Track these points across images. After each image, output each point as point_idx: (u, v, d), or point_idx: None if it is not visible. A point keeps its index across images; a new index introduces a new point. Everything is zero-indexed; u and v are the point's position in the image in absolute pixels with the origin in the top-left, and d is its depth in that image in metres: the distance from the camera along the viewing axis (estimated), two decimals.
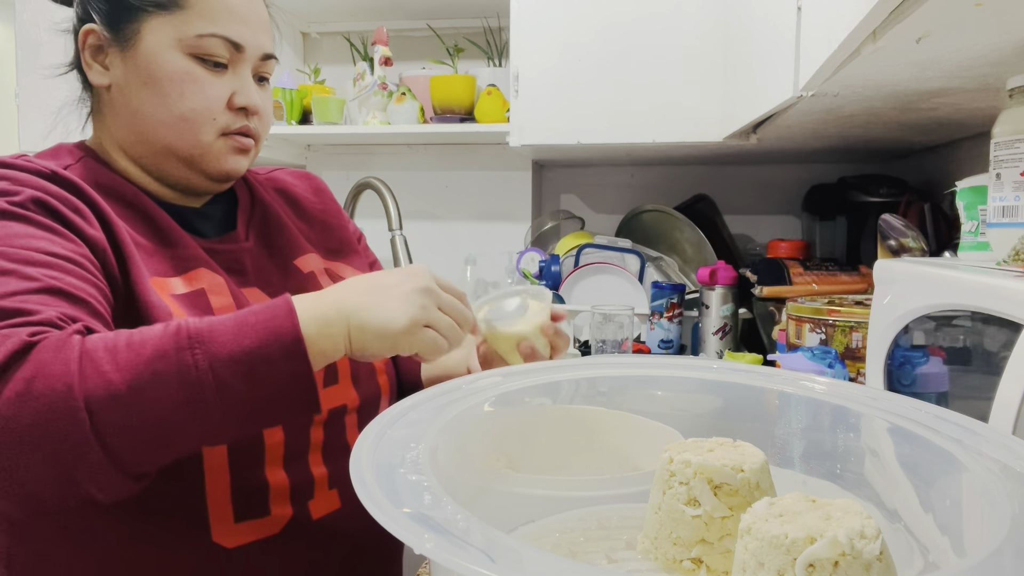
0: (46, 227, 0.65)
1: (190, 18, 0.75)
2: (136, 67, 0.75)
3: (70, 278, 0.62)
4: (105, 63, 0.77)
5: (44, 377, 0.52)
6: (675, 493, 0.50)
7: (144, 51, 0.75)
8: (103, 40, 0.77)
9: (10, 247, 0.62)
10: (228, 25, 0.76)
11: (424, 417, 0.54)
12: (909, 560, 0.50)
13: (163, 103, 0.75)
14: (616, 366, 0.74)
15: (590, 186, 2.16)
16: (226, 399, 0.56)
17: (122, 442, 0.53)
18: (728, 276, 1.64)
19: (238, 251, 0.83)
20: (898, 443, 0.56)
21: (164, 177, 0.80)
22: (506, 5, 1.66)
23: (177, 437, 0.56)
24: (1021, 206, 0.73)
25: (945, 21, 0.65)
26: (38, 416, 0.51)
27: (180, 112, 0.75)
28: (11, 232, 0.63)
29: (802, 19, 0.92)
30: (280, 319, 0.58)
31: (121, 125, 0.78)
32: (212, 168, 0.79)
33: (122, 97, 0.77)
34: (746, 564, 0.41)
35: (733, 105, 1.44)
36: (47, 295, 0.59)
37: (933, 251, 1.27)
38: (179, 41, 0.75)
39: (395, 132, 1.88)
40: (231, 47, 0.77)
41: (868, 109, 1.10)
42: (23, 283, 0.59)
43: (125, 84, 0.76)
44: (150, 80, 0.75)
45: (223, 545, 0.71)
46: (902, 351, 0.80)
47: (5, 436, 0.51)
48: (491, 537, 0.37)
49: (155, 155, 0.78)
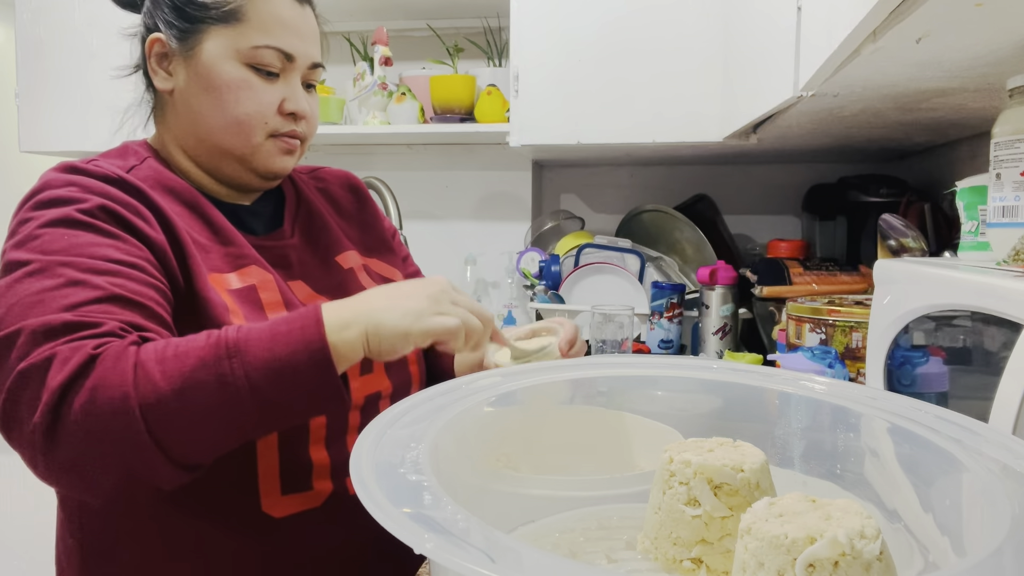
0: (111, 234, 0.71)
1: (247, 31, 0.81)
2: (197, 74, 0.82)
3: (132, 283, 0.69)
4: (169, 69, 0.84)
5: (105, 388, 0.60)
6: (675, 493, 0.50)
7: (205, 60, 0.81)
8: (168, 48, 0.83)
9: (79, 256, 0.68)
10: (281, 37, 0.82)
11: (424, 417, 0.54)
12: (909, 560, 0.50)
13: (220, 107, 0.82)
14: (616, 366, 0.74)
15: (590, 186, 2.16)
16: (260, 403, 0.62)
17: (173, 441, 0.61)
18: (728, 276, 1.64)
19: (285, 247, 0.89)
20: (898, 443, 0.56)
21: (219, 175, 0.87)
22: (506, 5, 1.66)
23: (220, 436, 0.64)
24: (1021, 206, 0.73)
25: (945, 21, 0.65)
26: (102, 422, 0.59)
27: (235, 116, 0.82)
28: (80, 241, 0.69)
29: (802, 19, 0.92)
30: (309, 329, 0.64)
31: (182, 127, 0.85)
32: (261, 167, 0.85)
33: (184, 101, 0.83)
34: (746, 564, 0.41)
35: (733, 105, 1.44)
36: (110, 303, 0.66)
37: (933, 251, 1.27)
38: (237, 51, 0.81)
39: (395, 132, 1.88)
40: (283, 57, 0.83)
41: (868, 109, 1.10)
42: (90, 292, 0.66)
43: (187, 89, 0.83)
44: (209, 86, 0.81)
45: (271, 515, 0.78)
46: (902, 351, 0.80)
47: (77, 440, 0.59)
48: (491, 537, 0.37)
49: (211, 154, 0.85)
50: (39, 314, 0.63)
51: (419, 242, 2.12)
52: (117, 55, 0.93)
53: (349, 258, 0.95)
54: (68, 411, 0.59)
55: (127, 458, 0.60)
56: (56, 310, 0.64)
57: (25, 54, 1.94)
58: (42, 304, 0.64)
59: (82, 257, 0.68)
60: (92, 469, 0.61)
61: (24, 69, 1.95)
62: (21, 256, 0.68)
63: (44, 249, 0.68)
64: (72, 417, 0.59)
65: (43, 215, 0.71)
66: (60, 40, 1.92)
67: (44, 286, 0.65)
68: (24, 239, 0.70)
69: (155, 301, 0.70)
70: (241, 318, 0.76)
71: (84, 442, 0.59)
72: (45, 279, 0.66)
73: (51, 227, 0.70)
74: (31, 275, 0.66)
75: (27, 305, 0.64)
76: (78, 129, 1.94)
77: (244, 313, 0.77)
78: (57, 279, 0.66)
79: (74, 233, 0.70)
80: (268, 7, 0.82)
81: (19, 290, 0.66)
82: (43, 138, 1.97)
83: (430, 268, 1.11)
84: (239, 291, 0.79)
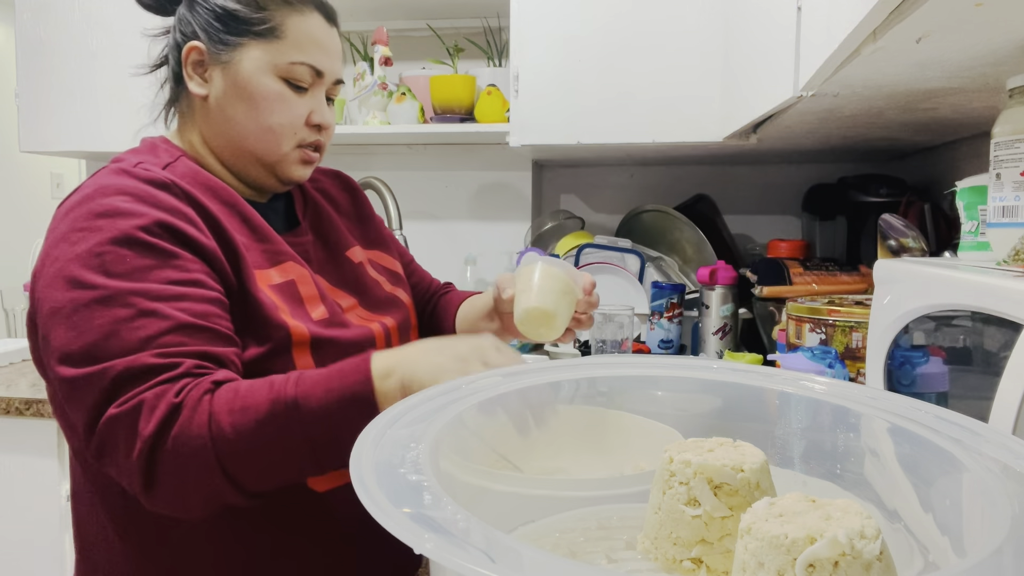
0: (171, 253, 0.76)
1: (284, 47, 0.86)
2: (235, 84, 0.87)
3: (196, 305, 0.75)
4: (205, 76, 0.88)
5: (187, 438, 0.69)
6: (675, 493, 0.50)
7: (243, 71, 0.86)
8: (205, 57, 0.87)
9: (144, 282, 0.73)
10: (314, 55, 0.88)
11: (424, 417, 0.54)
12: (909, 560, 0.50)
13: (255, 116, 0.87)
14: (616, 366, 0.74)
15: (590, 186, 2.16)
16: (316, 451, 0.71)
17: (244, 481, 0.71)
18: (728, 276, 1.64)
19: (304, 244, 0.95)
20: (898, 443, 0.56)
21: (243, 176, 0.92)
22: (506, 5, 1.66)
23: (283, 477, 0.74)
24: (1021, 206, 0.73)
25: (945, 21, 0.65)
26: (188, 469, 0.69)
27: (268, 125, 0.87)
28: (142, 264, 0.74)
29: (802, 19, 0.92)
30: (359, 386, 0.72)
31: (214, 130, 0.89)
32: (284, 173, 0.91)
33: (218, 107, 0.88)
34: (746, 564, 0.41)
35: (733, 105, 1.44)
36: (180, 333, 0.72)
37: (933, 251, 1.27)
38: (273, 66, 0.86)
39: (395, 132, 1.88)
40: (314, 73, 0.89)
41: (868, 109, 1.10)
42: (160, 323, 0.72)
43: (223, 97, 0.87)
44: (246, 96, 0.86)
45: (315, 489, 0.84)
46: (902, 351, 0.80)
47: (169, 481, 0.70)
48: (491, 537, 0.37)
49: (240, 158, 0.90)
50: (117, 349, 0.70)
51: (419, 242, 2.12)
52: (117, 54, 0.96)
53: (356, 253, 1.00)
54: (159, 458, 0.69)
55: (209, 493, 0.71)
56: (133, 345, 0.70)
57: (25, 54, 1.94)
58: (117, 336, 0.70)
59: (148, 283, 0.73)
60: (183, 501, 0.72)
61: (24, 69, 1.95)
62: (86, 277, 0.72)
63: (108, 271, 0.72)
64: (162, 467, 0.69)
65: (101, 227, 0.74)
66: (60, 40, 1.92)
67: (117, 316, 0.71)
68: (85, 255, 0.73)
69: (218, 317, 0.76)
70: (287, 314, 0.82)
71: (175, 483, 0.70)
72: (117, 309, 0.71)
73: (113, 246, 0.73)
74: (100, 303, 0.71)
75: (103, 336, 0.70)
76: (78, 129, 1.94)
77: (288, 309, 0.83)
78: (128, 309, 0.71)
79: (135, 256, 0.74)
80: (304, 27, 0.87)
81: (91, 318, 0.71)
82: (43, 138, 1.97)
83: (430, 268, 1.11)
84: (280, 286, 0.84)
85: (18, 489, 1.56)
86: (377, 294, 0.98)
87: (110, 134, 1.92)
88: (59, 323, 0.72)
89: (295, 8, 0.87)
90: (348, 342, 0.86)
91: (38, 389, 1.56)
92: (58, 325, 0.72)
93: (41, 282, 0.75)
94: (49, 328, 0.73)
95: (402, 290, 1.04)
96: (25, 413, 1.50)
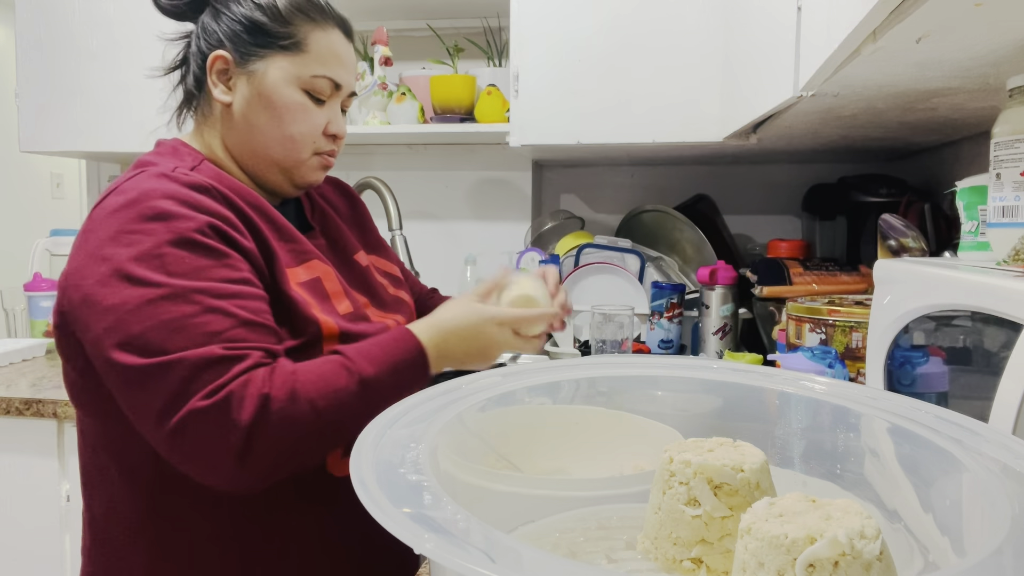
0: (222, 253, 0.80)
1: (308, 61, 0.91)
2: (260, 93, 0.90)
3: (250, 303, 0.79)
4: (229, 84, 0.92)
5: (283, 426, 0.75)
6: (675, 493, 0.50)
7: (268, 82, 0.90)
8: (231, 66, 0.91)
9: (205, 280, 0.77)
10: (334, 69, 0.93)
11: (424, 417, 0.54)
12: (909, 560, 0.50)
13: (278, 125, 0.91)
14: (616, 366, 0.74)
15: (590, 186, 2.16)
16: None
17: (328, 449, 0.82)
18: (728, 276, 1.64)
19: (320, 246, 0.99)
20: (898, 443, 0.56)
21: (260, 181, 0.95)
22: (506, 5, 1.66)
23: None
24: (1021, 206, 0.73)
25: (945, 21, 0.65)
26: (284, 453, 0.76)
27: (290, 133, 0.91)
28: (200, 264, 0.78)
29: (802, 19, 0.92)
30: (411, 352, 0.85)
31: (236, 136, 0.93)
32: (300, 179, 0.95)
33: (242, 115, 0.92)
34: (746, 564, 0.41)
35: (733, 105, 1.44)
36: (243, 328, 0.77)
37: (933, 251, 1.27)
38: (297, 78, 0.91)
39: (395, 132, 1.88)
40: (334, 86, 0.93)
41: (868, 109, 1.10)
42: (224, 320, 0.76)
43: (247, 105, 0.91)
44: (270, 106, 0.90)
45: (333, 474, 0.88)
46: (902, 351, 0.80)
47: (265, 465, 0.75)
48: (491, 537, 0.37)
49: (260, 163, 0.94)
50: (187, 342, 0.74)
51: (419, 242, 2.12)
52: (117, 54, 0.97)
53: (362, 257, 1.04)
54: (256, 445, 0.74)
55: (298, 470, 0.79)
56: (201, 339, 0.74)
57: (25, 54, 1.94)
58: (186, 331, 0.74)
59: (208, 281, 0.77)
60: (271, 478, 0.77)
61: (24, 69, 1.94)
62: (149, 275, 0.75)
63: (170, 271, 0.76)
64: (259, 449, 0.74)
65: (155, 230, 0.77)
66: (60, 40, 1.92)
67: (183, 312, 0.75)
68: (144, 255, 0.76)
69: (267, 314, 0.81)
70: (317, 310, 0.86)
71: (272, 464, 0.76)
72: (183, 305, 0.75)
73: (171, 247, 0.77)
74: (166, 299, 0.75)
75: (171, 330, 0.74)
76: (78, 129, 1.94)
77: (317, 304, 0.87)
78: (194, 306, 0.75)
79: (193, 257, 0.78)
80: (326, 42, 0.92)
81: (156, 313, 0.74)
82: (43, 138, 1.97)
83: (430, 268, 1.12)
84: (307, 283, 0.89)
85: (18, 489, 1.56)
86: (384, 296, 1.02)
87: (110, 134, 1.92)
88: (123, 318, 0.74)
89: (318, 24, 0.91)
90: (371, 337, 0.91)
91: (38, 389, 1.56)
92: (121, 319, 0.74)
93: (91, 279, 0.77)
94: (106, 322, 0.75)
95: (404, 292, 1.08)
96: (25, 413, 1.50)
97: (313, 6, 0.92)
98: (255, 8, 0.90)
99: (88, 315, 0.77)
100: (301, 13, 0.90)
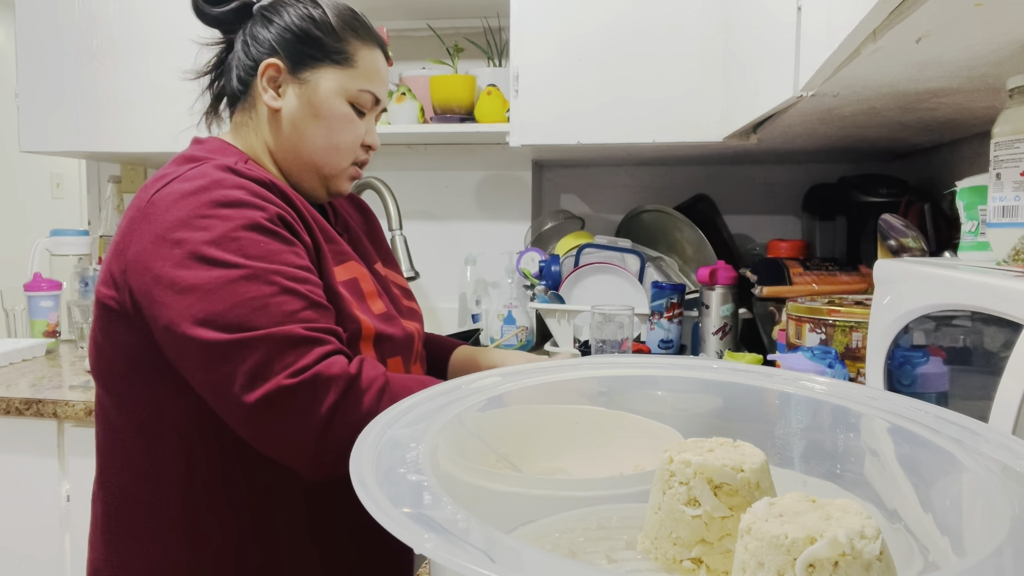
0: (290, 241, 0.84)
1: (355, 75, 0.97)
2: (310, 102, 0.95)
3: (316, 288, 0.84)
4: (279, 91, 0.96)
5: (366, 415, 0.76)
6: (675, 493, 0.50)
7: (320, 92, 0.95)
8: (282, 73, 0.95)
9: (279, 264, 0.81)
10: (376, 84, 0.99)
11: (424, 417, 0.54)
12: (909, 560, 0.50)
13: (326, 134, 0.96)
14: (616, 366, 0.74)
15: (590, 186, 2.16)
16: None
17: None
18: (728, 276, 1.64)
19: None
20: (898, 443, 0.56)
21: (297, 185, 0.99)
22: (506, 5, 1.66)
23: None
24: (1021, 206, 0.73)
25: (945, 21, 0.65)
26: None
27: (336, 143, 0.97)
28: (273, 249, 0.82)
29: (802, 19, 0.92)
30: None
31: (281, 141, 0.97)
32: (334, 186, 1.01)
33: (290, 121, 0.96)
34: (746, 564, 0.41)
35: (733, 105, 1.44)
36: (314, 310, 0.81)
37: (933, 251, 1.27)
38: (345, 91, 0.96)
39: (395, 132, 1.88)
40: (374, 101, 0.99)
41: (868, 109, 1.10)
42: (299, 301, 0.80)
43: (296, 112, 0.95)
44: (319, 115, 0.95)
45: None
46: (902, 351, 0.80)
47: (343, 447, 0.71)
48: (491, 537, 0.37)
49: (301, 168, 0.98)
50: (267, 320, 0.77)
51: (419, 242, 2.12)
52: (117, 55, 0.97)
53: (380, 267, 1.08)
54: (337, 430, 0.77)
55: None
56: (280, 318, 0.78)
57: (25, 54, 1.94)
58: (266, 310, 0.78)
59: (283, 265, 0.81)
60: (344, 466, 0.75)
61: (24, 69, 1.94)
62: (225, 256, 0.78)
63: (247, 254, 0.79)
64: (339, 435, 0.77)
65: (229, 216, 0.81)
66: (60, 40, 1.92)
67: (262, 292, 0.78)
68: (219, 239, 0.79)
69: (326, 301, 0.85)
70: (357, 309, 0.90)
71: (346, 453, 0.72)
72: (261, 285, 0.79)
73: (245, 231, 0.80)
74: (247, 279, 0.78)
75: (253, 308, 0.77)
76: (78, 129, 1.94)
77: (356, 304, 0.91)
78: (272, 286, 0.79)
79: (267, 241, 0.81)
80: (371, 59, 0.98)
81: (238, 291, 0.78)
82: (43, 138, 1.97)
83: (430, 268, 1.11)
84: (346, 283, 0.92)
85: (18, 489, 1.56)
86: (400, 304, 1.05)
87: (110, 134, 1.92)
88: (205, 296, 0.77)
89: (365, 43, 0.98)
90: (399, 340, 0.95)
91: (38, 389, 1.56)
92: (203, 298, 0.77)
93: (164, 261, 0.79)
94: (187, 301, 0.78)
95: (415, 303, 1.12)
96: (25, 413, 1.50)
97: (361, 25, 0.98)
98: (310, 21, 0.94)
99: (163, 295, 0.79)
100: (351, 31, 0.96)
